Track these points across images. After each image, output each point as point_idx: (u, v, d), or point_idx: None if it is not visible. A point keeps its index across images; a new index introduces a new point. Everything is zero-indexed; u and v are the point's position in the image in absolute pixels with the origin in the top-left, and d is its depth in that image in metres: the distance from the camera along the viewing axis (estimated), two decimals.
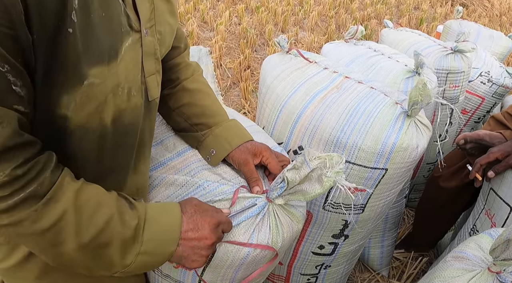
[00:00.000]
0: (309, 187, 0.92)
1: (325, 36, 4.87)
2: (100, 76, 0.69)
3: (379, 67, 1.64)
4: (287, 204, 1.03)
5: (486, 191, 1.55)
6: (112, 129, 0.77)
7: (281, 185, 0.95)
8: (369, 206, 1.34)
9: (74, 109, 0.68)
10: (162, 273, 1.07)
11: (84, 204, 0.72)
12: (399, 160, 1.22)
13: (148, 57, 0.82)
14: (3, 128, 0.59)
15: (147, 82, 0.84)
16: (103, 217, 0.73)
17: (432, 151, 2.18)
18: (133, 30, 0.76)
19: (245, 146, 1.06)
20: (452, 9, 6.46)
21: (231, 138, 1.07)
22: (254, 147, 1.06)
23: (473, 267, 1.04)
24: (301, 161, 0.91)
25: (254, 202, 0.99)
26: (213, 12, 5.18)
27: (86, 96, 0.68)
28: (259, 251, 0.98)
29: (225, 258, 0.96)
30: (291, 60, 1.46)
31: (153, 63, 0.85)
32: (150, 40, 0.82)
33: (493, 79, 2.28)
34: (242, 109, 3.38)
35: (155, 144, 1.16)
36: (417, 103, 1.17)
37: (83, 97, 0.68)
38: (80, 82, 0.66)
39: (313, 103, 1.29)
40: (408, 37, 2.13)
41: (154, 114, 0.94)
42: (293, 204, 1.05)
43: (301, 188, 0.93)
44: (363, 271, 2.14)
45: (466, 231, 1.65)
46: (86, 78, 0.67)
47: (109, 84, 0.72)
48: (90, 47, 0.66)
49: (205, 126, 1.09)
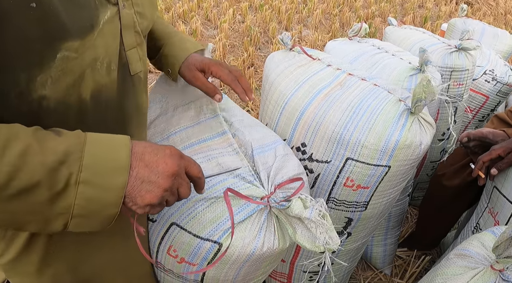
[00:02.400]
0: (302, 232, 0.96)
1: (329, 34, 4.86)
2: (75, 50, 0.66)
3: (383, 65, 1.64)
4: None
5: (490, 189, 1.54)
6: (92, 104, 0.75)
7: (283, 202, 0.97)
8: (372, 203, 1.34)
9: (51, 86, 0.66)
10: (165, 268, 1.07)
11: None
12: (402, 157, 1.22)
13: (127, 30, 0.81)
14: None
15: (128, 56, 0.83)
16: (15, 151, 0.59)
17: (436, 149, 2.18)
18: (110, 3, 0.74)
19: (191, 63, 1.08)
20: (456, 8, 6.44)
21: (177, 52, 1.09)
22: (199, 63, 1.08)
23: (475, 265, 1.04)
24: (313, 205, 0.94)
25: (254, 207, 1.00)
26: (216, 10, 5.17)
27: (61, 71, 0.66)
28: (265, 250, 0.99)
29: (231, 253, 0.97)
30: (294, 57, 1.46)
31: (133, 36, 0.83)
32: (128, 13, 0.80)
33: (497, 78, 2.27)
34: (245, 106, 3.38)
35: (162, 139, 1.17)
36: (421, 100, 1.17)
37: (58, 72, 0.65)
38: (52, 58, 0.63)
39: (316, 100, 1.29)
40: (412, 35, 2.12)
41: (139, 90, 0.90)
42: None
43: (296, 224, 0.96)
44: (366, 269, 2.14)
45: (469, 229, 1.64)
46: (58, 52, 0.64)
47: (87, 58, 0.69)
48: (57, 21, 0.63)
49: (158, 49, 1.13)
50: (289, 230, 0.98)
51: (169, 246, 1.02)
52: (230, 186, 1.01)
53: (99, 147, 0.67)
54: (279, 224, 1.01)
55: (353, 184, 1.27)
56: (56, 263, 0.90)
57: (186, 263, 1.01)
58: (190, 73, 1.08)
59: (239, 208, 0.99)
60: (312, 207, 0.93)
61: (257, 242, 0.98)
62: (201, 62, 1.08)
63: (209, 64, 1.08)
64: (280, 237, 1.00)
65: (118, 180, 0.67)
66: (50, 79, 0.65)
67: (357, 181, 1.27)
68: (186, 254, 1.00)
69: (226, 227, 0.97)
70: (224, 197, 0.89)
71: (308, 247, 0.94)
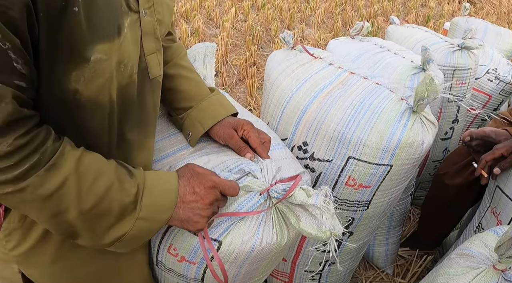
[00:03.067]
0: (307, 220, 0.95)
1: (331, 33, 4.85)
2: (105, 52, 0.72)
3: (385, 64, 1.63)
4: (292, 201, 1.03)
5: (492, 188, 1.54)
6: (117, 104, 0.81)
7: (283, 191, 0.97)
8: (374, 202, 1.33)
9: (84, 83, 0.72)
10: (165, 267, 1.07)
11: (85, 172, 0.74)
12: (404, 156, 1.22)
13: (147, 36, 0.86)
14: (6, 104, 0.62)
15: (148, 60, 0.88)
16: (103, 185, 0.76)
17: (438, 148, 2.17)
18: (131, 10, 0.79)
19: (227, 121, 1.12)
20: (459, 7, 6.42)
21: (205, 119, 1.11)
22: (235, 121, 1.12)
23: (478, 265, 1.03)
24: (318, 192, 0.94)
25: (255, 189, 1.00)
26: (219, 9, 5.17)
27: (94, 72, 0.72)
28: (264, 246, 0.98)
29: (231, 251, 0.96)
30: (296, 55, 1.45)
31: (153, 42, 0.89)
32: (149, 20, 0.86)
33: (500, 77, 2.26)
34: (247, 106, 3.38)
35: (164, 137, 1.17)
36: (423, 99, 1.16)
37: (91, 73, 0.71)
38: (86, 59, 0.70)
39: (318, 99, 1.28)
40: (415, 34, 2.11)
41: (157, 93, 0.97)
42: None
43: (300, 213, 0.96)
44: (368, 269, 2.13)
45: (471, 229, 1.64)
46: (92, 54, 0.70)
47: (114, 61, 0.75)
48: (94, 25, 0.69)
49: (183, 110, 1.14)
50: (292, 219, 0.97)
51: (170, 245, 1.02)
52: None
53: (155, 190, 0.84)
54: (277, 219, 1.00)
55: (354, 183, 1.27)
56: (70, 255, 0.92)
57: (187, 262, 1.01)
58: (226, 131, 1.11)
59: (239, 205, 0.99)
60: (317, 194, 0.94)
61: (256, 238, 0.98)
62: (237, 121, 1.12)
63: (242, 124, 1.11)
64: (278, 232, 1.00)
65: (164, 216, 0.85)
66: (83, 78, 0.71)
67: (359, 180, 1.26)
68: (186, 253, 1.00)
69: (226, 226, 0.97)
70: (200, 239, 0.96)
71: (314, 234, 0.94)
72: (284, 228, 1.02)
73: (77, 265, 0.95)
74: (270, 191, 0.99)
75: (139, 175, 0.83)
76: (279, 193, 0.98)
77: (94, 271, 0.98)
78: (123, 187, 0.79)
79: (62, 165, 0.71)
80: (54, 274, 0.94)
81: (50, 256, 0.90)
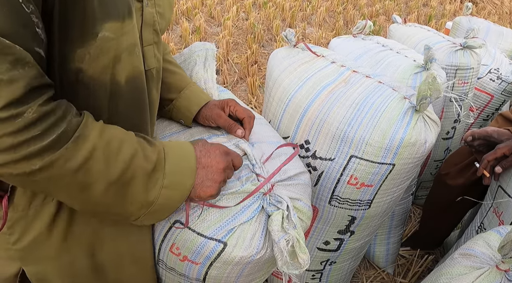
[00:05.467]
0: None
1: (333, 32, 4.84)
2: (113, 31, 0.73)
3: (387, 62, 1.63)
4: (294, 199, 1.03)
5: (494, 188, 1.53)
6: (126, 89, 0.81)
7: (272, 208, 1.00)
8: (376, 201, 1.33)
9: (89, 62, 0.72)
10: (167, 266, 1.06)
11: (110, 141, 0.74)
12: (406, 155, 1.21)
13: (147, 27, 0.87)
14: (30, 68, 0.61)
15: (144, 51, 0.88)
16: (128, 152, 0.76)
17: (440, 148, 2.17)
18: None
19: (212, 103, 1.17)
20: (461, 6, 6.41)
21: (191, 106, 1.16)
22: (220, 102, 1.17)
23: (481, 265, 1.03)
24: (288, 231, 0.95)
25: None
26: (220, 7, 5.16)
27: (100, 50, 0.72)
28: (267, 251, 0.98)
29: (234, 255, 0.96)
30: (298, 54, 1.44)
31: (151, 33, 0.89)
32: (150, 11, 0.86)
33: (502, 77, 2.25)
34: (249, 104, 3.37)
35: (165, 136, 1.17)
36: (426, 98, 1.16)
37: (97, 50, 0.72)
38: (94, 36, 0.70)
39: (320, 97, 1.27)
40: (417, 33, 2.11)
41: (150, 85, 0.96)
42: (299, 198, 1.05)
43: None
44: (368, 269, 2.13)
45: (473, 229, 1.63)
46: (100, 31, 0.70)
47: (124, 42, 0.76)
48: (106, 2, 0.70)
49: (169, 101, 1.18)
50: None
51: (172, 244, 1.01)
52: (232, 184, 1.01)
53: (175, 157, 0.85)
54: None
55: (357, 182, 1.26)
56: (74, 247, 0.92)
57: (189, 262, 1.00)
58: (214, 112, 1.14)
59: (242, 209, 0.98)
60: (282, 235, 0.93)
61: (259, 244, 0.97)
62: (220, 101, 1.17)
63: (227, 101, 1.16)
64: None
65: (188, 182, 0.86)
66: (88, 55, 0.72)
67: (361, 179, 1.26)
68: (189, 252, 0.99)
69: (231, 227, 0.97)
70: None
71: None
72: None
73: (81, 257, 0.94)
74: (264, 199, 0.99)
75: (158, 143, 0.84)
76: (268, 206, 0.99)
77: (97, 263, 0.97)
78: (145, 154, 0.79)
79: (89, 135, 0.71)
80: (58, 267, 0.93)
81: (54, 250, 0.89)
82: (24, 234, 0.86)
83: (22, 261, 0.90)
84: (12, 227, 0.85)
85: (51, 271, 0.92)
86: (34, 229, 0.86)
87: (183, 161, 0.86)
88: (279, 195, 1.00)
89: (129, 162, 0.76)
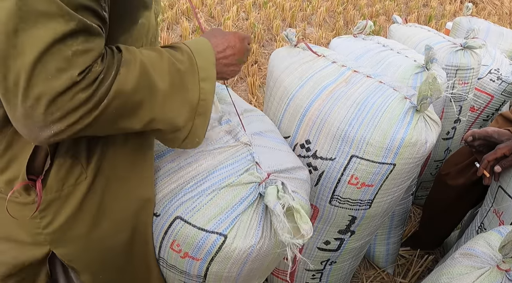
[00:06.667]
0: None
1: (333, 32, 4.84)
2: (146, 17, 0.86)
3: (387, 62, 1.63)
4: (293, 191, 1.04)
5: (495, 188, 1.53)
6: None
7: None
8: (376, 201, 1.33)
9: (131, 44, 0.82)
10: (167, 264, 1.07)
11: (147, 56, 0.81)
12: (407, 155, 1.21)
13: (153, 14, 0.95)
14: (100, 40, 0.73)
15: None
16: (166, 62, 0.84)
17: (440, 148, 2.17)
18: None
19: None
20: (461, 7, 6.41)
21: None
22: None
23: (481, 265, 1.03)
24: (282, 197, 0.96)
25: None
26: (220, 7, 5.16)
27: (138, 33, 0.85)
28: (266, 241, 0.99)
29: (233, 247, 0.97)
30: (299, 53, 1.45)
31: (154, 19, 0.96)
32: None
33: (502, 77, 2.25)
34: (249, 104, 3.37)
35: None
36: (427, 98, 1.16)
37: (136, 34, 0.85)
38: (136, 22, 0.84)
39: (321, 97, 1.28)
40: (417, 33, 2.11)
41: None
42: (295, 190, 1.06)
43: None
44: (368, 268, 2.13)
45: (473, 229, 1.63)
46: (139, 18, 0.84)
47: (146, 28, 0.88)
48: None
49: None
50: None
51: (173, 241, 1.02)
52: (229, 175, 1.02)
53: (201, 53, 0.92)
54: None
55: (357, 181, 1.26)
56: (105, 221, 0.95)
57: (190, 258, 1.01)
58: None
59: (240, 200, 0.99)
60: (278, 201, 0.94)
61: (257, 233, 0.98)
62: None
63: None
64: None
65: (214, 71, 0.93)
66: (131, 39, 0.84)
67: (362, 179, 1.26)
68: (190, 248, 1.00)
69: (231, 219, 0.97)
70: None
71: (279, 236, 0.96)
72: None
73: (110, 234, 0.97)
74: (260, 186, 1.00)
75: (180, 45, 0.91)
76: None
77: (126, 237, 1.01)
78: (177, 59, 0.86)
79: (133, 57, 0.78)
80: (87, 248, 0.96)
81: (86, 227, 0.93)
82: (57, 216, 0.89)
83: (53, 243, 0.92)
84: (45, 209, 0.88)
85: (81, 250, 0.95)
86: (67, 210, 0.89)
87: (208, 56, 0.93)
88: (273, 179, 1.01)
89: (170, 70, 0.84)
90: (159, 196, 1.07)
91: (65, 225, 0.90)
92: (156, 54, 0.83)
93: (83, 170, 0.89)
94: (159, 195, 1.06)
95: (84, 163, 0.89)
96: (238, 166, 1.05)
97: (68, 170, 0.87)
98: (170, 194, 1.06)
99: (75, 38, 0.67)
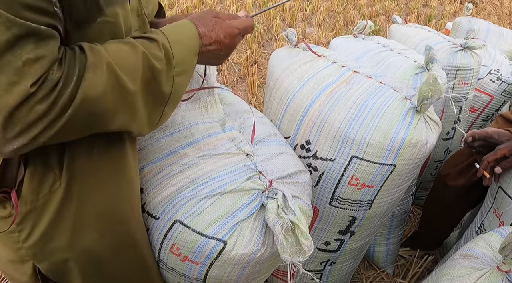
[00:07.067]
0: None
1: (333, 32, 4.84)
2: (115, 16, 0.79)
3: (388, 63, 1.63)
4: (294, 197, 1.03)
5: (495, 189, 1.53)
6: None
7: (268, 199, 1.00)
8: (376, 202, 1.33)
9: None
10: (167, 266, 1.06)
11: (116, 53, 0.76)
12: (408, 156, 1.21)
13: (132, 13, 0.89)
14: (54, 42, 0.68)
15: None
16: (140, 56, 0.79)
17: (440, 148, 2.16)
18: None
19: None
20: (461, 7, 6.41)
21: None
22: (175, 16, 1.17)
23: (482, 266, 1.02)
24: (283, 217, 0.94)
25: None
26: (220, 6, 5.16)
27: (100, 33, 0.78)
28: (267, 249, 0.98)
29: (234, 253, 0.96)
30: (299, 53, 1.44)
31: (135, 19, 0.92)
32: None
33: (502, 77, 2.25)
34: (249, 104, 3.36)
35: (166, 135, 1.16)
36: (427, 98, 1.16)
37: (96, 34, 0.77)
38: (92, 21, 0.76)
39: (321, 98, 1.27)
40: (417, 33, 2.11)
41: None
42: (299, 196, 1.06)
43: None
44: (368, 269, 2.13)
45: (473, 229, 1.63)
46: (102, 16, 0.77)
47: (122, 26, 0.82)
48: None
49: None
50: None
51: (172, 244, 1.01)
52: (230, 181, 1.01)
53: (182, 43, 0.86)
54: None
55: (357, 182, 1.26)
56: (87, 233, 0.90)
57: (189, 261, 1.00)
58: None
59: (241, 207, 0.98)
60: (277, 220, 0.93)
61: (259, 241, 0.97)
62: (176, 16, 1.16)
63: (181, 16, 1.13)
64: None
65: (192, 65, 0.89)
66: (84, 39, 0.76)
67: (362, 180, 1.25)
68: (189, 252, 0.99)
69: (231, 225, 0.97)
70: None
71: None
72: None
73: (94, 241, 0.92)
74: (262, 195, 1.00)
75: (158, 37, 0.84)
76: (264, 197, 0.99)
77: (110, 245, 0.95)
78: (152, 54, 0.81)
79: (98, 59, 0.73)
80: (72, 258, 0.91)
81: (67, 237, 0.88)
82: (35, 228, 0.85)
83: (35, 258, 0.89)
84: (22, 222, 0.84)
85: (66, 261, 0.91)
86: (44, 220, 0.85)
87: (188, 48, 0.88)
88: (276, 188, 1.00)
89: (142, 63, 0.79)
90: (159, 199, 1.06)
91: (44, 237, 0.86)
92: (129, 48, 0.78)
93: (56, 177, 0.83)
94: (159, 197, 1.06)
95: (57, 169, 0.83)
96: (240, 173, 1.04)
97: (41, 178, 0.82)
98: (169, 196, 1.04)
99: (23, 46, 0.63)
